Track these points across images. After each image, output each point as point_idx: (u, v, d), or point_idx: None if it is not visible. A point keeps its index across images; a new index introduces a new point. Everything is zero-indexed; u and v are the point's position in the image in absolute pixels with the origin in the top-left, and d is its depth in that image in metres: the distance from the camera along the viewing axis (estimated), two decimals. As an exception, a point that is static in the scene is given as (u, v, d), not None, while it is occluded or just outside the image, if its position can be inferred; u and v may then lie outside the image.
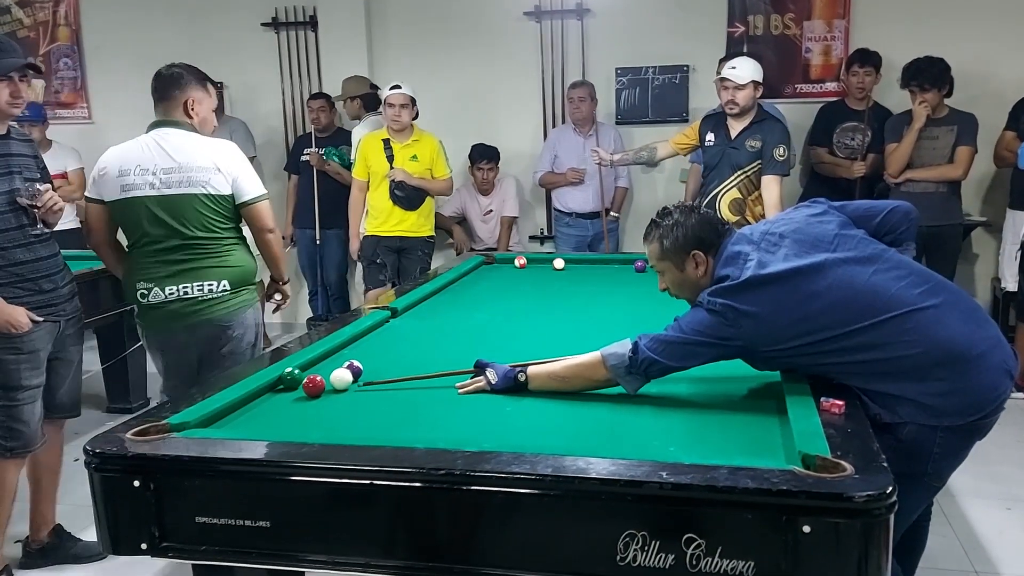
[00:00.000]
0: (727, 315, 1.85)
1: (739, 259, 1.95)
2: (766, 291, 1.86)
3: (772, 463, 1.44)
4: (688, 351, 1.91)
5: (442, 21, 5.55)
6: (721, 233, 2.06)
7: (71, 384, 2.91)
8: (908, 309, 1.84)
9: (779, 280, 1.86)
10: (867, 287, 1.86)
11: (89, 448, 1.61)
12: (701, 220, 2.08)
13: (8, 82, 2.58)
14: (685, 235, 2.04)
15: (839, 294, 1.85)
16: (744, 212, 4.06)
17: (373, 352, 2.42)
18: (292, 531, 1.56)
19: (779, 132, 4.00)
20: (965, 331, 1.89)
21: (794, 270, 1.87)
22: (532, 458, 1.47)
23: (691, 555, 1.36)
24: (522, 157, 5.52)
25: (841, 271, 1.88)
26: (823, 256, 1.90)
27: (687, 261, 2.05)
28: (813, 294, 1.85)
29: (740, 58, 4.14)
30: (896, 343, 1.83)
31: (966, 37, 4.85)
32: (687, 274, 2.08)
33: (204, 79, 2.93)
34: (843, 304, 1.84)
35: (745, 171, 3.98)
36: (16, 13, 6.06)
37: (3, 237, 2.60)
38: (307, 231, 5.51)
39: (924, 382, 1.85)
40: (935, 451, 1.91)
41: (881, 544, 1.34)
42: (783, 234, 1.98)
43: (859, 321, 1.83)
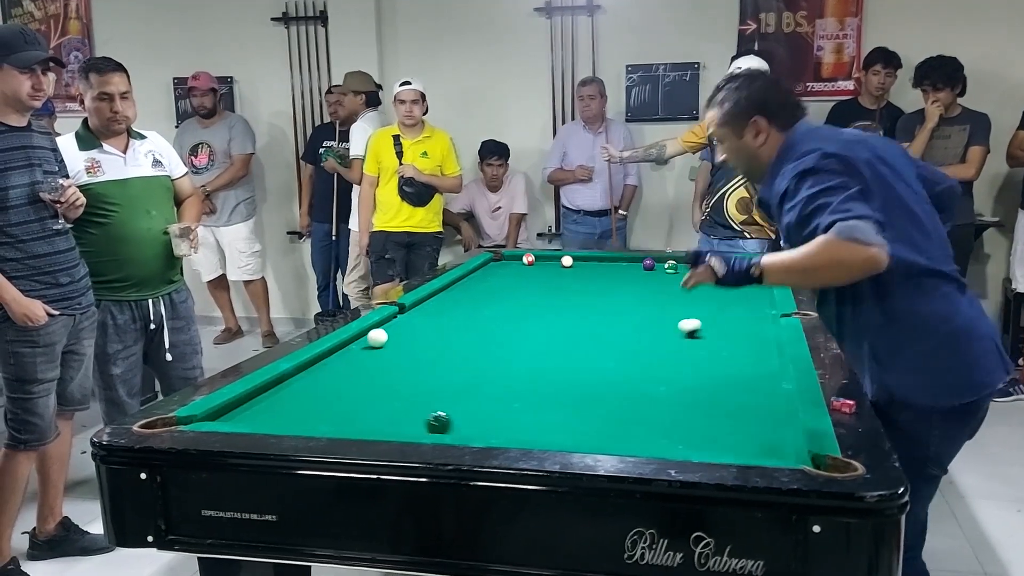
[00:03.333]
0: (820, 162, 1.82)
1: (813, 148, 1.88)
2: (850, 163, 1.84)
3: (782, 462, 1.43)
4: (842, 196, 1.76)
5: (452, 16, 5.54)
6: (790, 108, 2.00)
7: (83, 377, 2.92)
8: (945, 271, 1.92)
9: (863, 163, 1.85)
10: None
11: (96, 440, 1.61)
12: (767, 85, 2.02)
13: (30, 74, 2.59)
14: (748, 98, 1.96)
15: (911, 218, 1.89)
16: (751, 211, 4.08)
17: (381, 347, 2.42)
18: (298, 525, 1.56)
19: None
20: (972, 313, 1.94)
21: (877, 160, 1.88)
22: (540, 454, 1.47)
23: (699, 554, 1.35)
24: (531, 154, 5.51)
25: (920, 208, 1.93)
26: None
27: (747, 128, 1.97)
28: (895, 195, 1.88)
29: (746, 58, 4.14)
30: (926, 296, 1.88)
31: (979, 36, 4.82)
32: (745, 142, 2.00)
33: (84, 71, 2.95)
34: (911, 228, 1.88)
35: None
36: (27, 6, 6.09)
37: (22, 230, 2.61)
38: (323, 225, 5.51)
39: (927, 343, 1.89)
40: (934, 433, 1.92)
41: (892, 544, 1.33)
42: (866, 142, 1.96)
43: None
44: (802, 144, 1.91)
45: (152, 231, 3.05)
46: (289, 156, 5.93)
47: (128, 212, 2.98)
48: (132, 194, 3.00)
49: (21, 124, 2.65)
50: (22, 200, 2.60)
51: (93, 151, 2.96)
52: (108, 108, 2.94)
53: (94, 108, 2.95)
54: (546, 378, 2.12)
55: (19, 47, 2.58)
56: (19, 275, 2.61)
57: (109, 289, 3.00)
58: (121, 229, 2.97)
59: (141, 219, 3.02)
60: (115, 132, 3.00)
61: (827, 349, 2.14)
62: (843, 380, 1.91)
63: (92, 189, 2.89)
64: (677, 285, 3.29)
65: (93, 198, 2.86)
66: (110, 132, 2.99)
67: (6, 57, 2.55)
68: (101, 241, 2.95)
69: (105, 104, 2.93)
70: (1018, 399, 4.27)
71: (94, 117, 2.98)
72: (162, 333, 3.14)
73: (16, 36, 2.63)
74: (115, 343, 3.05)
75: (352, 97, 5.15)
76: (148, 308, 3.09)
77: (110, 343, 3.04)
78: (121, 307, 3.04)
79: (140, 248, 3.01)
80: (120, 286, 3.02)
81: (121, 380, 3.09)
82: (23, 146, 2.63)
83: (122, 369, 3.09)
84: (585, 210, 5.08)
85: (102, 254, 2.96)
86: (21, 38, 2.62)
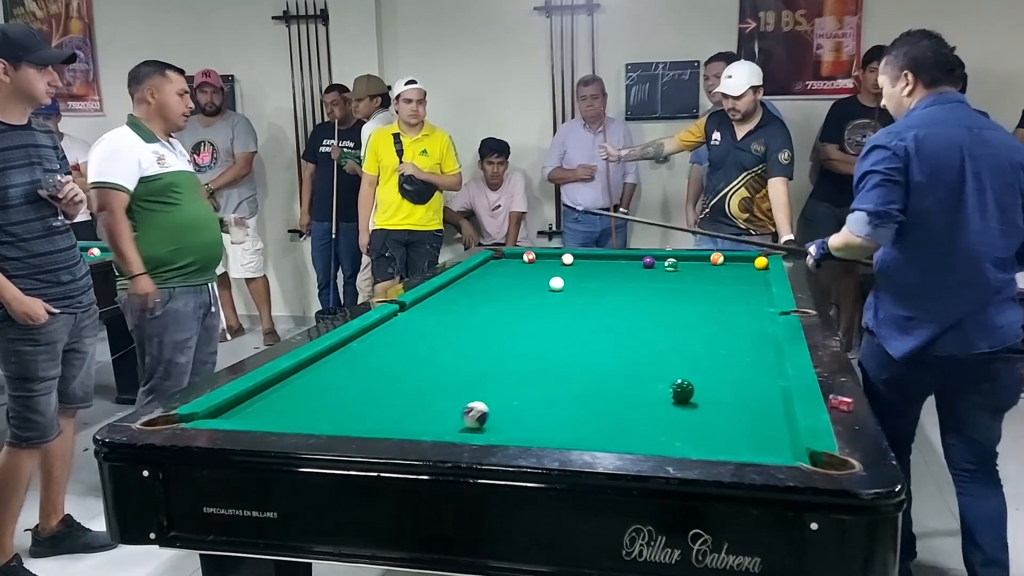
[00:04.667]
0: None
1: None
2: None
3: (779, 459, 1.44)
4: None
5: (452, 15, 5.55)
6: (945, 69, 2.36)
7: (84, 375, 2.93)
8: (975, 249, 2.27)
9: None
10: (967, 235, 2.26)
11: (99, 438, 1.62)
12: (926, 48, 2.36)
13: (46, 72, 2.64)
14: (905, 55, 2.36)
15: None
16: (752, 209, 4.13)
17: (381, 345, 2.43)
18: (299, 522, 1.57)
19: (782, 136, 4.04)
20: (969, 297, 2.28)
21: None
22: (539, 452, 1.48)
23: (697, 551, 1.36)
24: (531, 152, 5.52)
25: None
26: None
27: (899, 79, 2.37)
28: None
29: (735, 65, 4.08)
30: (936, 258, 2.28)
31: (979, 34, 4.81)
32: (895, 90, 2.41)
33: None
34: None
35: (751, 171, 4.06)
36: (29, 5, 6.10)
37: (23, 228, 2.62)
38: (323, 223, 5.52)
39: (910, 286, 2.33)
40: (890, 366, 2.38)
41: (888, 541, 1.34)
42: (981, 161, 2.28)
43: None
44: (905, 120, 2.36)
45: (211, 218, 3.30)
46: (290, 155, 5.94)
47: (189, 200, 3.16)
48: (189, 184, 3.20)
49: (22, 122, 2.66)
50: (23, 199, 2.61)
51: (155, 144, 3.11)
52: (184, 104, 3.16)
53: (171, 103, 3.12)
54: (545, 375, 2.13)
55: (36, 46, 2.65)
56: (20, 274, 2.62)
57: (182, 276, 3.13)
58: (188, 216, 3.14)
59: (199, 207, 3.24)
60: (181, 126, 3.21)
61: (825, 347, 2.15)
62: (841, 378, 1.91)
63: (164, 178, 3.07)
64: (676, 283, 3.33)
65: (165, 187, 3.07)
66: (177, 127, 3.19)
67: (26, 56, 2.59)
68: (174, 228, 3.10)
69: (183, 100, 3.15)
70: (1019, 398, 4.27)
71: (169, 112, 3.13)
72: (212, 317, 3.31)
73: (31, 35, 2.70)
74: (185, 331, 3.16)
75: (368, 101, 5.19)
76: (208, 292, 3.25)
77: (180, 331, 3.14)
78: (191, 294, 3.16)
79: (205, 233, 3.21)
80: (192, 272, 3.15)
81: (184, 370, 3.17)
82: (24, 144, 2.64)
83: (187, 358, 3.19)
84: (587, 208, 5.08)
85: (174, 241, 3.10)
86: (35, 37, 2.70)
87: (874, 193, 2.25)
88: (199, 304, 3.20)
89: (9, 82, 2.58)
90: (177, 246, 3.10)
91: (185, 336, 3.15)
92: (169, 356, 3.12)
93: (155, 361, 3.12)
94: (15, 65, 2.58)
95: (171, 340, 3.11)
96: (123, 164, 2.99)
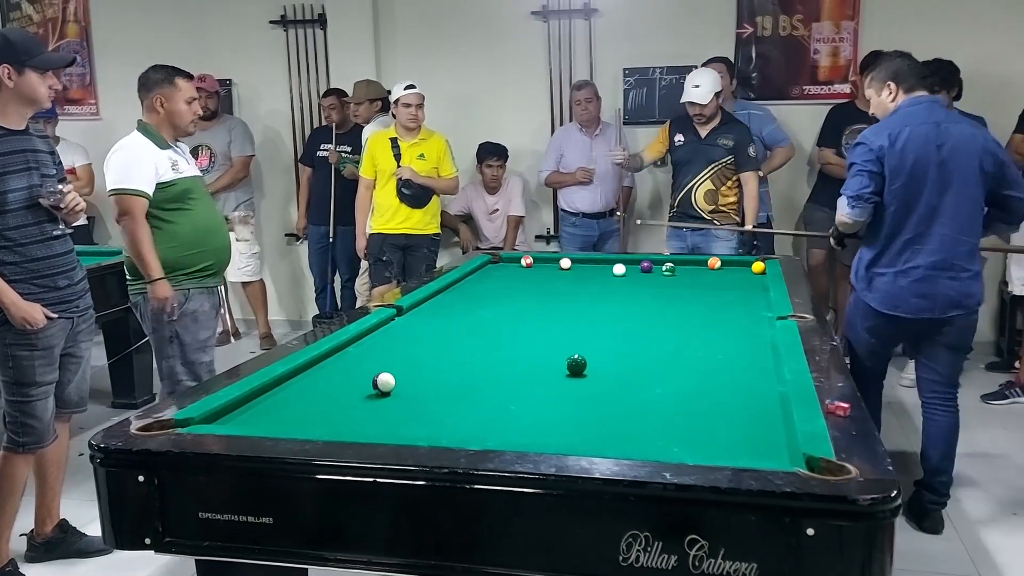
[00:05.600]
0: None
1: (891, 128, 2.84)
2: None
3: (776, 465, 1.44)
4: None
5: (450, 20, 5.55)
6: (919, 76, 2.94)
7: (80, 380, 2.93)
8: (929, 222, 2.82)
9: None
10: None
11: (94, 443, 1.62)
12: (902, 62, 2.94)
13: (48, 76, 2.65)
14: (887, 69, 2.93)
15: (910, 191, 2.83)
16: (718, 201, 4.46)
17: (378, 350, 2.42)
18: (295, 528, 1.57)
19: (747, 132, 4.48)
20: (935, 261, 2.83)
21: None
22: (535, 457, 1.47)
23: (694, 556, 1.36)
24: (529, 156, 5.51)
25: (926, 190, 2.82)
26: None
27: (884, 88, 2.92)
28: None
29: (699, 75, 4.43)
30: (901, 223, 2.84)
31: (976, 39, 4.83)
32: (882, 98, 2.94)
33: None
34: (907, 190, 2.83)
35: (719, 163, 4.41)
36: (26, 9, 6.09)
37: (21, 234, 2.61)
38: (320, 227, 5.52)
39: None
40: (870, 315, 2.96)
41: (885, 547, 1.34)
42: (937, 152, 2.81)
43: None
44: (885, 121, 2.91)
45: (222, 221, 3.39)
46: (287, 159, 5.94)
47: (204, 205, 3.22)
48: (201, 188, 3.25)
49: (21, 127, 2.66)
50: (20, 204, 2.61)
51: (168, 151, 3.14)
52: (193, 111, 3.17)
53: (181, 111, 3.13)
54: (542, 380, 2.13)
55: (38, 50, 2.66)
56: (17, 278, 2.61)
57: (199, 278, 3.17)
58: (203, 220, 3.19)
59: (212, 211, 3.30)
60: (190, 133, 3.24)
61: (822, 352, 2.15)
62: (838, 383, 1.91)
63: (179, 184, 3.11)
64: (673, 287, 3.33)
65: (182, 193, 3.11)
66: (186, 133, 3.22)
67: (29, 60, 2.59)
68: (189, 232, 3.14)
69: (192, 107, 3.16)
70: (1014, 402, 4.28)
71: (178, 119, 3.14)
72: (218, 319, 3.38)
73: (33, 40, 2.72)
74: (206, 330, 3.21)
75: (368, 105, 5.19)
76: (218, 294, 3.31)
77: (202, 330, 3.19)
78: (206, 295, 3.20)
79: (218, 236, 3.28)
80: (207, 274, 3.20)
81: (209, 368, 3.20)
82: (22, 150, 2.64)
83: (210, 357, 3.23)
84: (584, 212, 5.09)
85: (192, 245, 3.14)
86: (36, 42, 2.72)
87: (854, 181, 2.86)
88: (212, 304, 3.26)
89: (12, 86, 2.58)
90: (195, 250, 3.14)
91: (207, 335, 3.22)
92: (193, 357, 3.17)
93: (176, 363, 3.15)
94: (19, 70, 2.58)
95: (193, 340, 3.16)
96: (142, 170, 3.03)
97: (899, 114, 2.87)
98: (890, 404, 4.28)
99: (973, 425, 4.03)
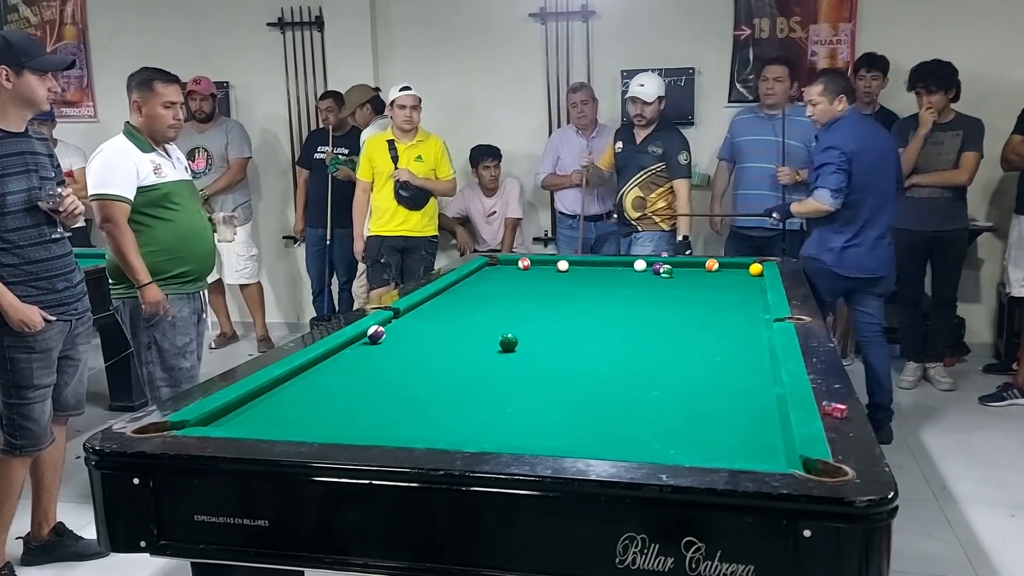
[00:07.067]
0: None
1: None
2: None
3: (773, 467, 1.43)
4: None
5: (447, 22, 5.55)
6: (852, 91, 3.95)
7: (77, 383, 2.93)
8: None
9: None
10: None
11: (89, 446, 1.61)
12: (844, 79, 3.93)
13: (47, 78, 2.64)
14: (837, 84, 3.76)
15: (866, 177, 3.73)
16: (645, 208, 4.60)
17: (375, 352, 2.42)
18: (290, 531, 1.56)
19: (679, 140, 4.59)
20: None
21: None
22: (532, 459, 1.47)
23: (690, 558, 1.36)
24: (527, 159, 5.51)
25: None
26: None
27: (837, 100, 3.72)
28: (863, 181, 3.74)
29: (647, 75, 4.58)
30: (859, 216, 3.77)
31: (974, 40, 4.84)
32: (833, 106, 3.73)
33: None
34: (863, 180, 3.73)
35: (648, 171, 4.56)
36: (23, 12, 6.09)
37: (19, 236, 2.61)
38: (317, 230, 5.51)
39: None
40: (826, 275, 3.81)
41: (882, 549, 1.33)
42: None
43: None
44: (841, 129, 3.73)
45: (206, 227, 3.31)
46: (284, 161, 5.94)
47: (187, 210, 3.16)
48: (186, 194, 3.19)
49: (20, 129, 2.66)
50: (19, 206, 2.61)
51: (151, 154, 3.09)
52: (171, 116, 3.10)
53: (158, 115, 3.07)
54: (539, 382, 2.12)
55: (38, 53, 2.66)
56: (16, 281, 2.61)
57: (178, 284, 3.13)
58: (185, 226, 3.14)
59: (196, 216, 3.23)
60: (170, 138, 3.17)
61: (820, 353, 2.15)
62: (835, 384, 1.91)
63: (161, 188, 3.06)
64: (671, 289, 3.33)
65: (163, 197, 3.06)
66: (165, 138, 3.14)
67: (28, 62, 2.59)
68: (170, 238, 3.09)
69: (170, 112, 3.09)
70: (1012, 404, 4.28)
71: (156, 123, 3.09)
72: (201, 324, 3.32)
73: (32, 42, 2.71)
74: (184, 336, 3.16)
75: (360, 111, 5.20)
76: (200, 300, 3.27)
77: (179, 336, 3.14)
78: (185, 300, 3.16)
79: (201, 243, 3.22)
80: (186, 280, 3.16)
81: (189, 375, 3.16)
82: (21, 152, 2.63)
83: (191, 363, 3.19)
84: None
85: (171, 251, 3.10)
86: (36, 44, 2.71)
87: (833, 178, 3.66)
88: (192, 310, 3.20)
89: (11, 88, 2.58)
90: (173, 256, 3.09)
91: (185, 341, 3.15)
92: (172, 362, 3.12)
93: (156, 369, 3.11)
94: (17, 72, 2.58)
95: (172, 346, 3.11)
96: (122, 174, 2.98)
97: (850, 122, 3.73)
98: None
99: (971, 427, 4.04)
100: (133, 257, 2.99)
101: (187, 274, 3.14)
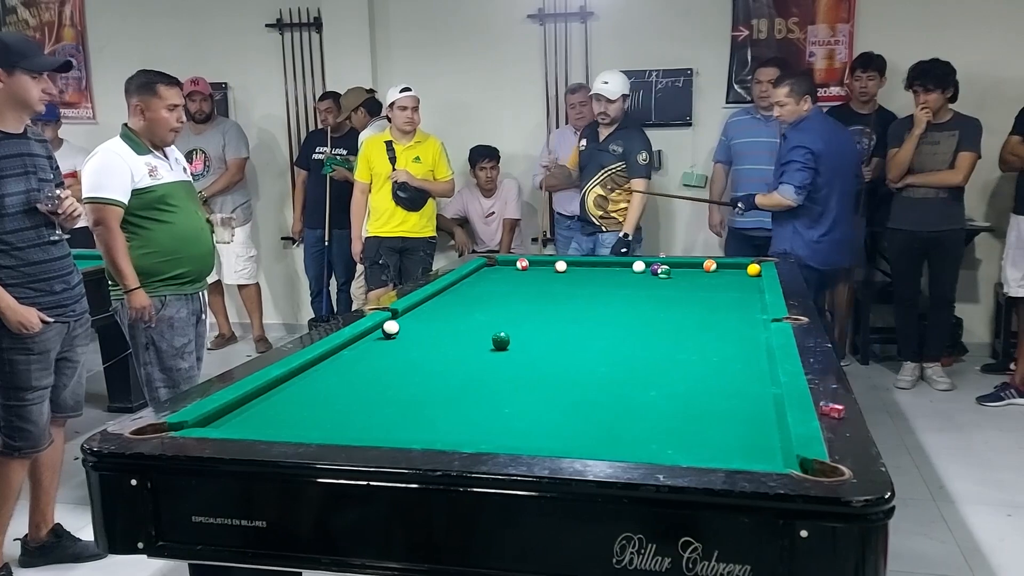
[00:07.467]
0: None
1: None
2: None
3: (770, 467, 1.44)
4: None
5: (445, 23, 5.55)
6: (814, 93, 4.10)
7: (75, 384, 2.93)
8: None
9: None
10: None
11: (87, 447, 1.61)
12: (810, 80, 4.18)
13: (41, 79, 2.63)
14: (803, 84, 4.00)
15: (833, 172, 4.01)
16: (607, 207, 4.56)
17: (372, 353, 2.42)
18: (288, 532, 1.56)
19: (639, 139, 4.54)
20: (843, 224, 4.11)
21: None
22: (529, 460, 1.47)
23: (687, 558, 1.36)
24: (525, 160, 5.52)
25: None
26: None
27: (803, 100, 3.95)
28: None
29: (611, 73, 4.55)
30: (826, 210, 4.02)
31: (972, 41, 4.84)
32: (800, 106, 3.95)
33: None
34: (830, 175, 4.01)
35: (609, 170, 4.52)
36: (22, 13, 6.09)
37: (18, 237, 2.61)
38: (316, 231, 5.51)
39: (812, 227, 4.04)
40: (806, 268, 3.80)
41: (878, 549, 1.33)
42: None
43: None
44: (809, 129, 3.97)
45: (204, 228, 3.30)
46: (282, 162, 5.94)
47: (184, 211, 3.15)
48: (183, 195, 3.17)
49: (18, 131, 2.66)
50: (18, 208, 2.61)
51: (147, 156, 3.08)
52: (175, 119, 3.10)
53: (161, 118, 3.06)
54: (537, 383, 2.12)
55: (31, 53, 2.65)
56: (14, 282, 2.61)
57: (175, 285, 3.13)
58: (182, 227, 3.13)
59: (194, 218, 3.21)
60: (170, 141, 3.15)
61: (817, 354, 2.15)
62: (832, 384, 1.91)
63: (156, 191, 3.05)
64: (668, 290, 3.34)
65: (158, 199, 3.05)
66: (165, 140, 3.13)
67: (20, 63, 2.58)
68: (167, 239, 3.09)
69: (173, 115, 3.09)
70: (1010, 403, 4.29)
71: (158, 126, 3.08)
72: (201, 325, 3.31)
73: (26, 42, 2.71)
74: (182, 337, 3.16)
75: (356, 114, 5.22)
76: (199, 301, 3.26)
77: (177, 337, 3.14)
78: (184, 301, 3.16)
79: (198, 244, 3.21)
80: (184, 281, 3.15)
81: (187, 376, 3.16)
82: (20, 153, 2.63)
83: (189, 364, 3.18)
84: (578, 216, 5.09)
85: (168, 252, 3.09)
86: (30, 44, 2.71)
87: (798, 175, 3.92)
88: (191, 311, 3.20)
89: (3, 88, 2.58)
90: (170, 257, 3.09)
91: (183, 342, 3.15)
92: (170, 363, 3.12)
93: (154, 370, 3.11)
94: (9, 72, 2.57)
95: (169, 347, 3.11)
96: (116, 178, 2.97)
97: (815, 121, 4.01)
98: (886, 405, 4.32)
99: (968, 426, 4.05)
100: (123, 261, 2.98)
101: (185, 275, 3.14)
